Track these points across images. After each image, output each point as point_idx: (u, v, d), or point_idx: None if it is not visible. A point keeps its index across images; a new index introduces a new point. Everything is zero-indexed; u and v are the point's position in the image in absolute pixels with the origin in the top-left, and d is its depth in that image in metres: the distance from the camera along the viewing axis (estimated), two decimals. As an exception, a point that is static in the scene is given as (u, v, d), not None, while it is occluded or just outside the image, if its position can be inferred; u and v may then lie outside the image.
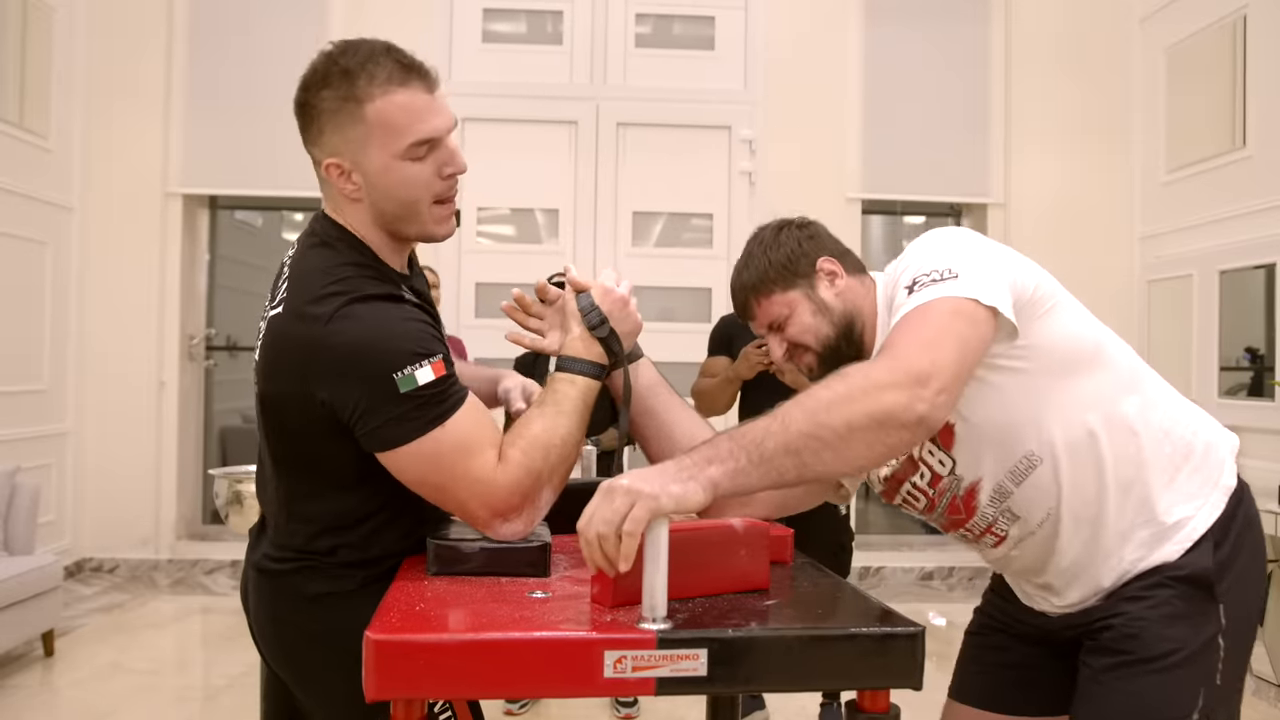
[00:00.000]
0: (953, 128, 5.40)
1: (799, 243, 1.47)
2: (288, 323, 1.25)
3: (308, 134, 1.30)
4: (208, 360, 5.58)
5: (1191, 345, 4.84)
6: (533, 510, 1.27)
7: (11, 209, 4.61)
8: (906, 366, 1.13)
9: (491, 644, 0.98)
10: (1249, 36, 4.55)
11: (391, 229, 1.33)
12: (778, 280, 1.46)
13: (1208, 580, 1.33)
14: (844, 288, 1.46)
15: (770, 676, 1.03)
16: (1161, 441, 1.37)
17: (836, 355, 1.43)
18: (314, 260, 1.29)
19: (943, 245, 1.30)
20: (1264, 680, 3.72)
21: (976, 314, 1.22)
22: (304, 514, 1.33)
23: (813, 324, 1.44)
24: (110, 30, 5.23)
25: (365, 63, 1.24)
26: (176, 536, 5.32)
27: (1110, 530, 1.36)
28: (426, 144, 1.27)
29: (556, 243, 5.35)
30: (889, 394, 1.11)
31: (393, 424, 1.20)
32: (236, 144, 5.26)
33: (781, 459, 1.10)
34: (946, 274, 1.24)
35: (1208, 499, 1.37)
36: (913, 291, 1.24)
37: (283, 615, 1.35)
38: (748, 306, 1.50)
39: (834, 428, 1.10)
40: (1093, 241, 5.44)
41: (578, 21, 5.41)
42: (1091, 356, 1.37)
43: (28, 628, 3.64)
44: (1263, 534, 1.43)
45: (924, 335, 1.18)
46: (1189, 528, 1.35)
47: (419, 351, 1.21)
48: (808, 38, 5.34)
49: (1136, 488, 1.35)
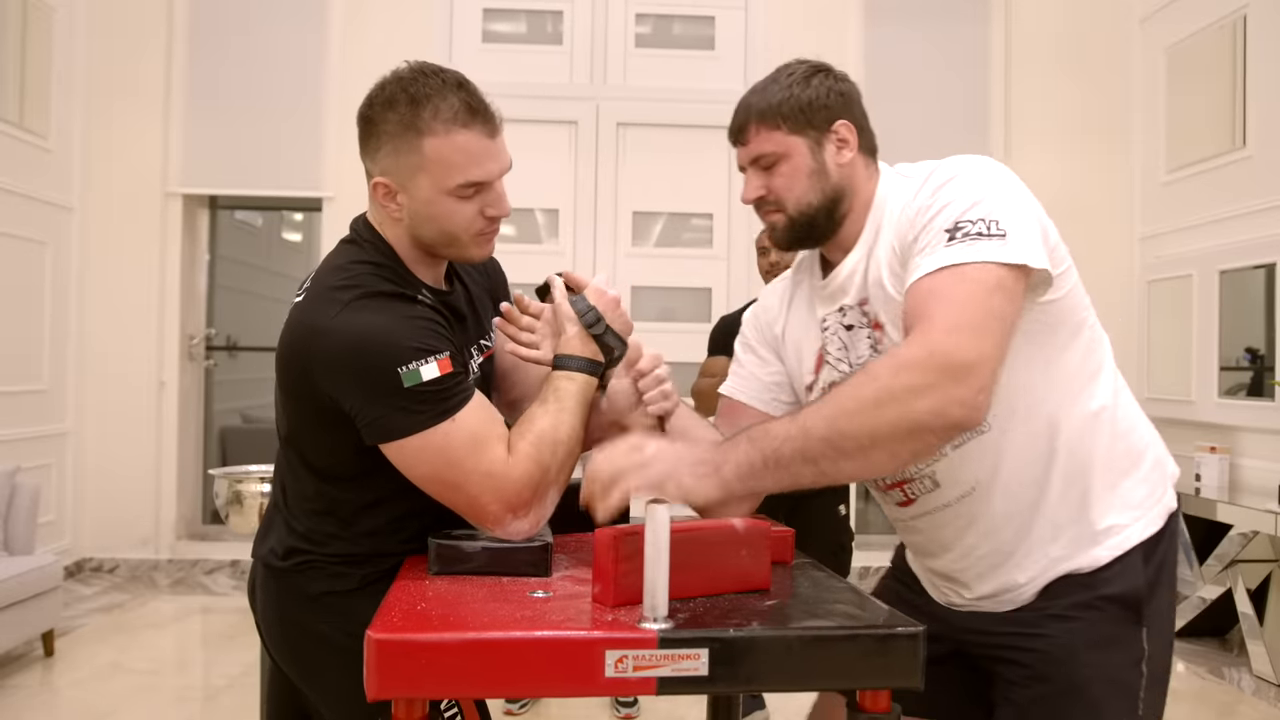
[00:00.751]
0: (953, 128, 5.40)
1: (828, 92, 1.32)
2: (301, 313, 1.28)
3: (365, 147, 1.32)
4: (208, 360, 5.58)
5: (1191, 345, 4.84)
6: (541, 508, 1.27)
7: (11, 209, 4.61)
8: (946, 358, 1.07)
9: (493, 643, 0.98)
10: (1249, 36, 4.55)
11: (427, 250, 1.36)
12: (790, 118, 1.31)
13: (1138, 601, 1.27)
14: (848, 161, 1.33)
15: (771, 676, 1.03)
16: (1117, 441, 1.31)
17: (810, 227, 1.33)
18: (337, 256, 1.33)
19: (987, 185, 1.20)
20: (1264, 680, 3.73)
21: (1017, 286, 1.14)
22: (303, 494, 1.35)
23: (802, 184, 1.31)
24: (110, 30, 5.23)
25: (433, 95, 1.26)
26: (176, 536, 5.32)
27: (1044, 521, 1.28)
28: (475, 186, 1.29)
29: (556, 243, 5.36)
30: (922, 400, 1.06)
31: (397, 416, 1.21)
32: (236, 144, 5.26)
33: (798, 466, 1.08)
34: (993, 228, 1.14)
35: (1146, 513, 1.31)
36: (954, 238, 1.15)
37: (288, 614, 1.36)
38: (744, 130, 1.34)
39: (856, 438, 1.06)
40: (1093, 241, 5.43)
41: (578, 21, 5.41)
42: (1080, 328, 1.29)
43: (28, 628, 3.64)
44: (1176, 573, 1.37)
45: (968, 316, 1.09)
46: (1121, 536, 1.28)
47: (423, 348, 1.21)
48: (808, 38, 5.34)
49: (1080, 482, 1.28)
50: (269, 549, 1.39)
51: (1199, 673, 3.89)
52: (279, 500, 1.40)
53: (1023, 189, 1.23)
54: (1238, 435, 4.52)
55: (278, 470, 1.42)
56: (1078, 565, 1.28)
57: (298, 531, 1.35)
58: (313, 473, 1.34)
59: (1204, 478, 4.45)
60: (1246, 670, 3.84)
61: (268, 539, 1.40)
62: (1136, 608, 1.27)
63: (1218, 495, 4.09)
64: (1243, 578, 3.91)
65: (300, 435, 1.33)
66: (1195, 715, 3.44)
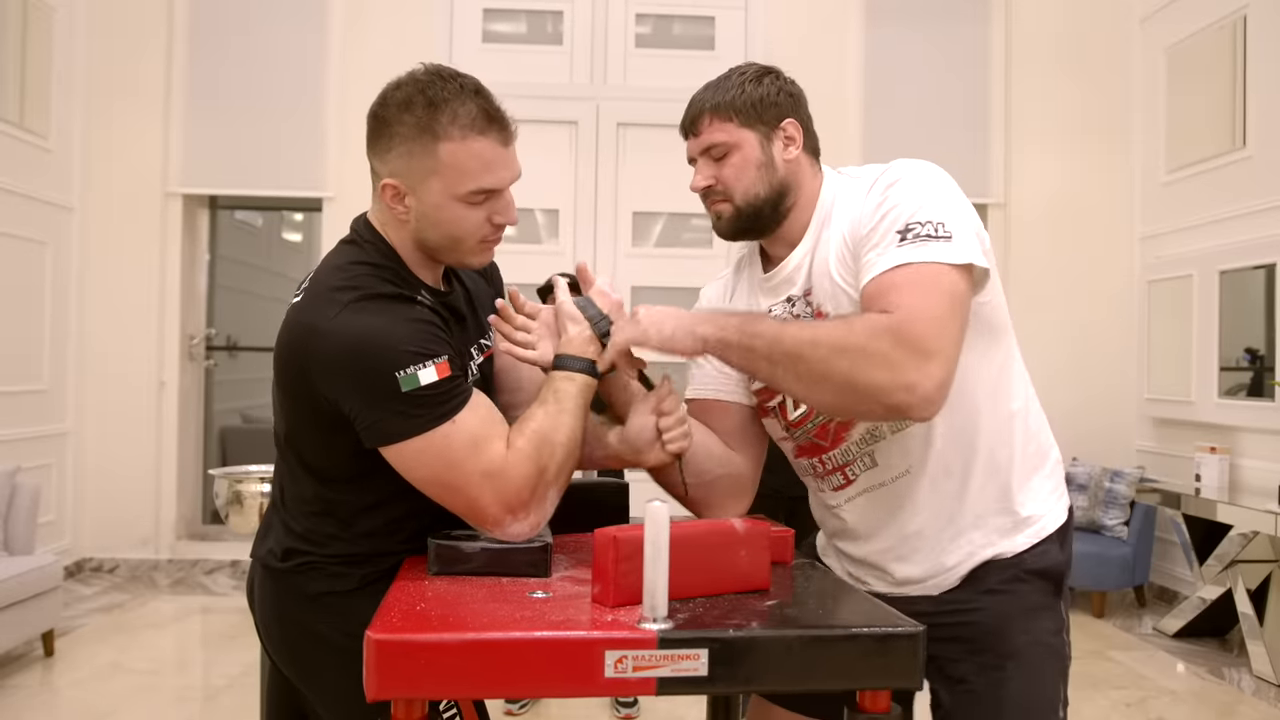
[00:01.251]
0: (953, 128, 5.40)
1: (778, 92, 1.40)
2: (300, 313, 1.28)
3: (375, 146, 1.32)
4: (208, 360, 5.58)
5: (1191, 345, 4.84)
6: (540, 510, 1.27)
7: (11, 209, 4.61)
8: (915, 334, 1.15)
9: (492, 644, 0.99)
10: (1249, 36, 4.55)
11: (430, 253, 1.36)
12: (741, 112, 1.38)
13: (1059, 576, 1.39)
14: (794, 158, 1.40)
15: (771, 677, 1.03)
16: (1029, 440, 1.40)
17: (755, 218, 1.40)
18: (336, 256, 1.33)
19: (930, 189, 1.28)
20: (1264, 680, 3.73)
21: (966, 289, 1.24)
22: (301, 495, 1.34)
23: (750, 176, 1.38)
24: (110, 30, 5.23)
25: (452, 100, 1.27)
26: (176, 536, 5.32)
27: (967, 509, 1.37)
28: (486, 194, 1.31)
29: (556, 243, 5.36)
30: (880, 371, 1.15)
31: (395, 420, 1.21)
32: (236, 144, 5.26)
33: (759, 360, 1.21)
34: (940, 230, 1.22)
35: (1053, 507, 1.42)
36: (905, 239, 1.23)
37: (286, 614, 1.36)
38: (698, 121, 1.41)
39: (810, 368, 1.17)
40: (1093, 241, 5.44)
41: (578, 21, 5.41)
42: (1003, 331, 1.39)
43: (28, 628, 3.64)
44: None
45: (933, 307, 1.18)
46: (1040, 524, 1.39)
47: (421, 352, 1.21)
48: (808, 38, 5.34)
49: (1000, 476, 1.37)
50: (268, 550, 1.39)
51: (1199, 673, 3.89)
52: (277, 501, 1.40)
53: (958, 194, 1.31)
54: (1238, 435, 4.52)
55: (277, 472, 1.42)
56: (1000, 551, 1.37)
57: (296, 532, 1.35)
58: (311, 474, 1.34)
59: (1204, 478, 4.44)
60: (1246, 670, 3.84)
61: (266, 540, 1.40)
62: (1058, 581, 1.39)
63: (1218, 495, 4.09)
64: (1243, 578, 3.91)
65: (298, 436, 1.33)
66: (1195, 715, 3.44)
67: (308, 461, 1.33)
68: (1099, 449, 5.23)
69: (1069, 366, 5.31)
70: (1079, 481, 4.98)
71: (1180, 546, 4.51)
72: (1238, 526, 3.91)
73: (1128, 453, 5.30)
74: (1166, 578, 5.00)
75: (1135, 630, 4.49)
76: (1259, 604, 3.85)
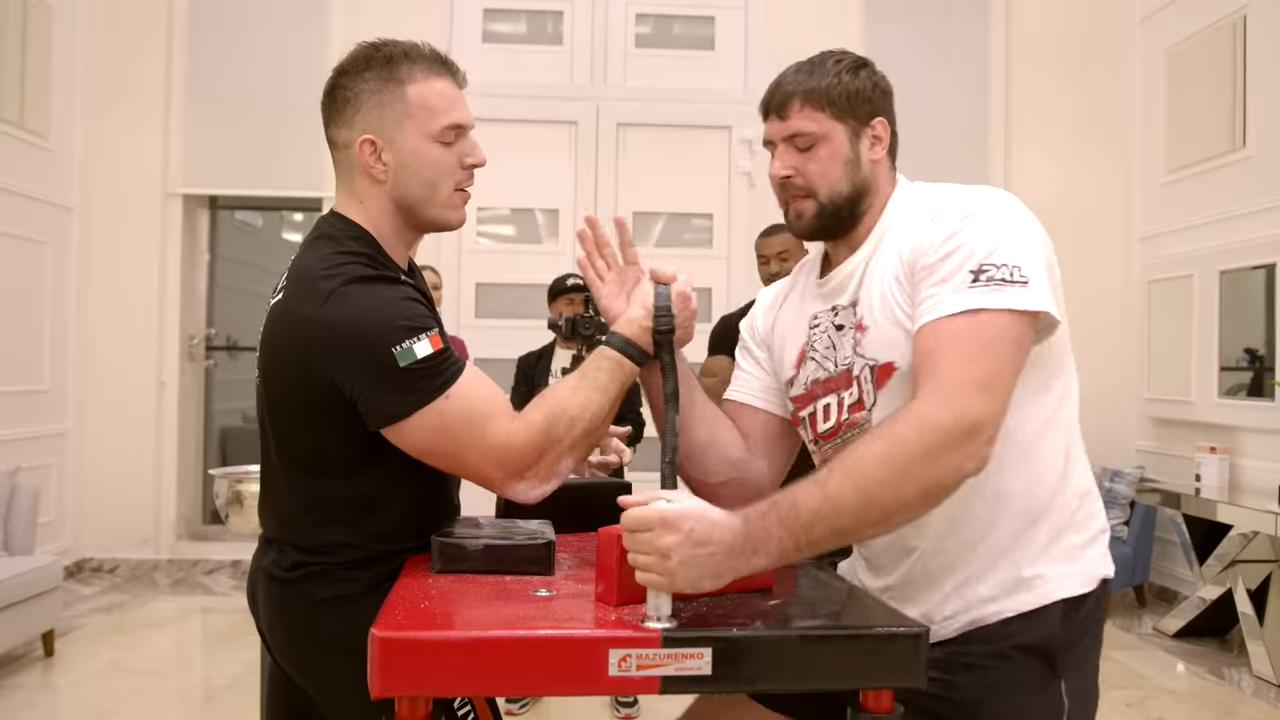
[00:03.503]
0: (953, 128, 5.40)
1: (875, 87, 1.33)
2: (287, 308, 1.29)
3: (340, 117, 1.35)
4: (208, 360, 5.58)
5: (1191, 345, 4.84)
6: (550, 471, 1.28)
7: (11, 209, 4.61)
8: (961, 418, 1.09)
9: (496, 642, 0.98)
10: (1249, 37, 4.55)
11: (408, 213, 1.36)
12: (835, 103, 1.29)
13: (1050, 651, 1.24)
14: (879, 159, 1.33)
15: (774, 676, 1.03)
16: (1070, 494, 1.29)
17: (835, 218, 1.32)
18: (313, 252, 1.33)
19: (1011, 227, 1.22)
20: (1264, 680, 3.73)
21: (1030, 335, 1.18)
22: (307, 503, 1.33)
23: (836, 172, 1.30)
24: (110, 30, 5.23)
25: (408, 51, 1.34)
26: (176, 536, 5.32)
27: (979, 560, 1.27)
28: (456, 130, 1.35)
29: (556, 243, 5.35)
30: (942, 461, 1.09)
31: (396, 397, 1.22)
32: (236, 144, 5.26)
33: (828, 540, 1.08)
34: (1017, 275, 1.16)
35: (1081, 574, 1.28)
36: (978, 280, 1.16)
37: (293, 621, 1.35)
38: (787, 105, 1.31)
39: (885, 508, 1.08)
40: (1093, 241, 5.44)
41: (578, 21, 5.41)
42: (1057, 372, 1.30)
43: (28, 628, 3.64)
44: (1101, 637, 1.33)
45: (985, 372, 1.12)
46: (1048, 587, 1.26)
47: (415, 326, 1.23)
48: (808, 38, 5.31)
49: (1026, 524, 1.27)
50: (271, 560, 1.37)
51: (1199, 673, 3.89)
52: (276, 510, 1.38)
53: (1038, 230, 1.25)
54: (1238, 435, 4.52)
55: (269, 486, 1.39)
56: (1000, 609, 1.26)
57: (305, 548, 1.33)
58: (312, 477, 1.32)
59: (1204, 478, 4.45)
60: (1246, 670, 3.84)
61: (268, 552, 1.39)
62: (1049, 658, 1.24)
63: (1218, 495, 4.09)
64: (1243, 578, 3.91)
65: (294, 436, 1.32)
66: (1195, 715, 3.44)
67: (308, 462, 1.32)
68: (1099, 449, 5.20)
69: (1069, 366, 5.31)
70: (1079, 481, 4.98)
71: (1180, 546, 4.51)
72: (1238, 526, 3.91)
73: (1128, 453, 5.30)
74: (1166, 578, 5.00)
75: (1135, 630, 4.49)
76: (1259, 604, 3.85)
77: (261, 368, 1.34)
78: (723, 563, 1.03)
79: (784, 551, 1.06)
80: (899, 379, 1.27)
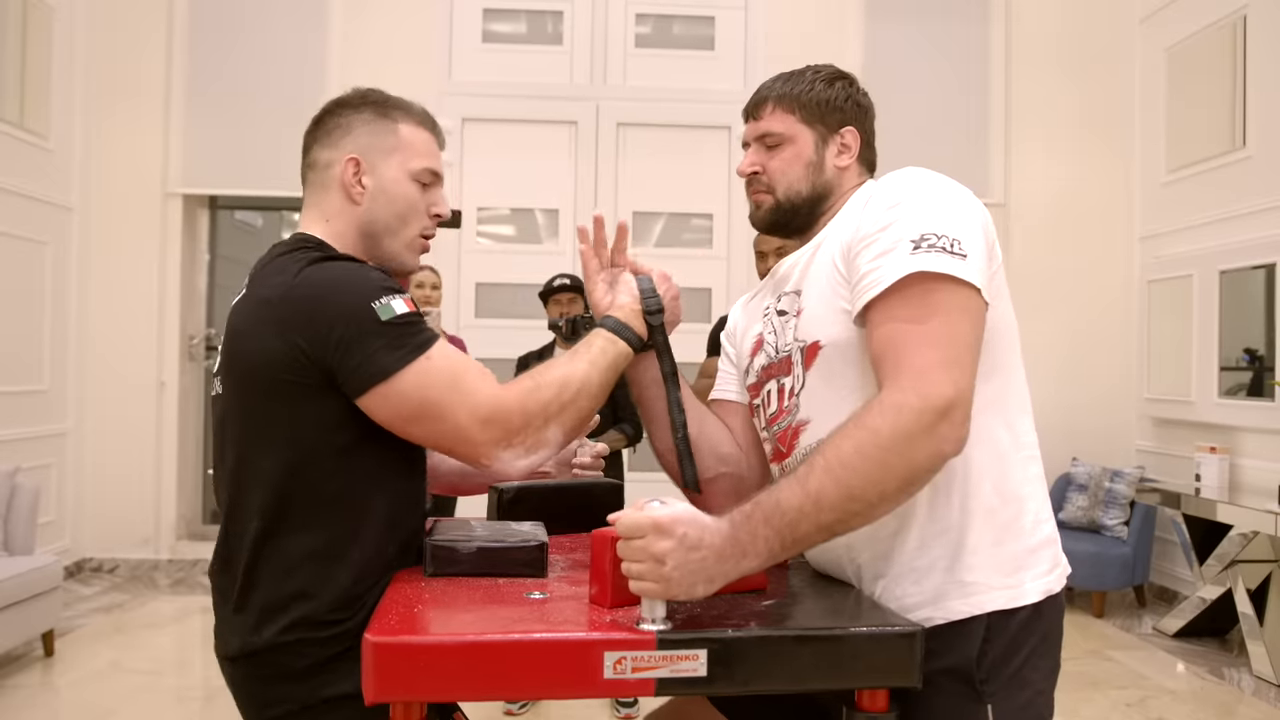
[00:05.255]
0: (953, 127, 5.41)
1: (847, 99, 1.39)
2: (252, 297, 1.28)
3: (327, 139, 1.38)
4: (208, 360, 5.58)
5: (1191, 345, 4.84)
6: (538, 440, 1.25)
7: (11, 209, 4.61)
8: (931, 400, 1.09)
9: (491, 645, 0.98)
10: (1249, 36, 4.55)
11: (372, 240, 1.37)
12: (805, 108, 1.37)
13: (967, 673, 1.18)
14: (846, 166, 1.38)
15: (769, 677, 1.03)
16: (1010, 499, 1.23)
17: (790, 215, 1.38)
18: (275, 257, 1.33)
19: (946, 199, 1.22)
20: (1264, 680, 3.73)
21: (979, 308, 1.17)
22: (286, 544, 1.23)
23: (797, 173, 1.37)
24: (110, 30, 5.24)
25: (402, 103, 1.42)
26: (176, 536, 5.32)
27: (904, 557, 1.23)
28: (433, 175, 1.41)
29: (556, 243, 5.35)
30: (917, 446, 1.08)
31: (380, 354, 1.19)
32: (237, 144, 5.27)
33: (814, 536, 1.09)
34: (955, 246, 1.16)
35: (1017, 587, 1.21)
36: (918, 248, 1.16)
37: (275, 697, 1.25)
38: (760, 106, 1.40)
39: (867, 500, 1.09)
40: (1093, 241, 5.44)
41: (578, 21, 5.41)
42: (996, 367, 1.24)
43: (28, 628, 3.64)
44: (1053, 668, 1.26)
45: (943, 350, 1.13)
46: (978, 597, 1.20)
47: (389, 286, 1.24)
48: (808, 37, 5.34)
49: (952, 530, 1.22)
50: (240, 643, 1.26)
51: (1199, 673, 3.89)
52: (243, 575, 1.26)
53: (981, 213, 1.24)
54: (1238, 435, 4.52)
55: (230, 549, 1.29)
56: (929, 615, 1.20)
57: (287, 593, 1.23)
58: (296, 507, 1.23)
59: (1204, 478, 4.45)
60: (1246, 670, 3.83)
61: (230, 635, 1.29)
62: (967, 680, 1.18)
63: (1218, 495, 4.09)
64: (1243, 578, 3.91)
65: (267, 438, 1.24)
66: (1195, 715, 3.44)
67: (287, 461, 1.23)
68: (1099, 449, 5.23)
69: (1069, 366, 5.31)
70: (1079, 481, 4.98)
71: (1180, 546, 4.51)
72: (1238, 526, 3.91)
73: (1128, 453, 5.30)
74: (1166, 578, 5.00)
75: (1135, 630, 4.49)
76: (1259, 604, 3.85)
77: (225, 373, 1.28)
78: (714, 566, 1.03)
79: (772, 551, 1.07)
80: (825, 357, 1.27)
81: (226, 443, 1.30)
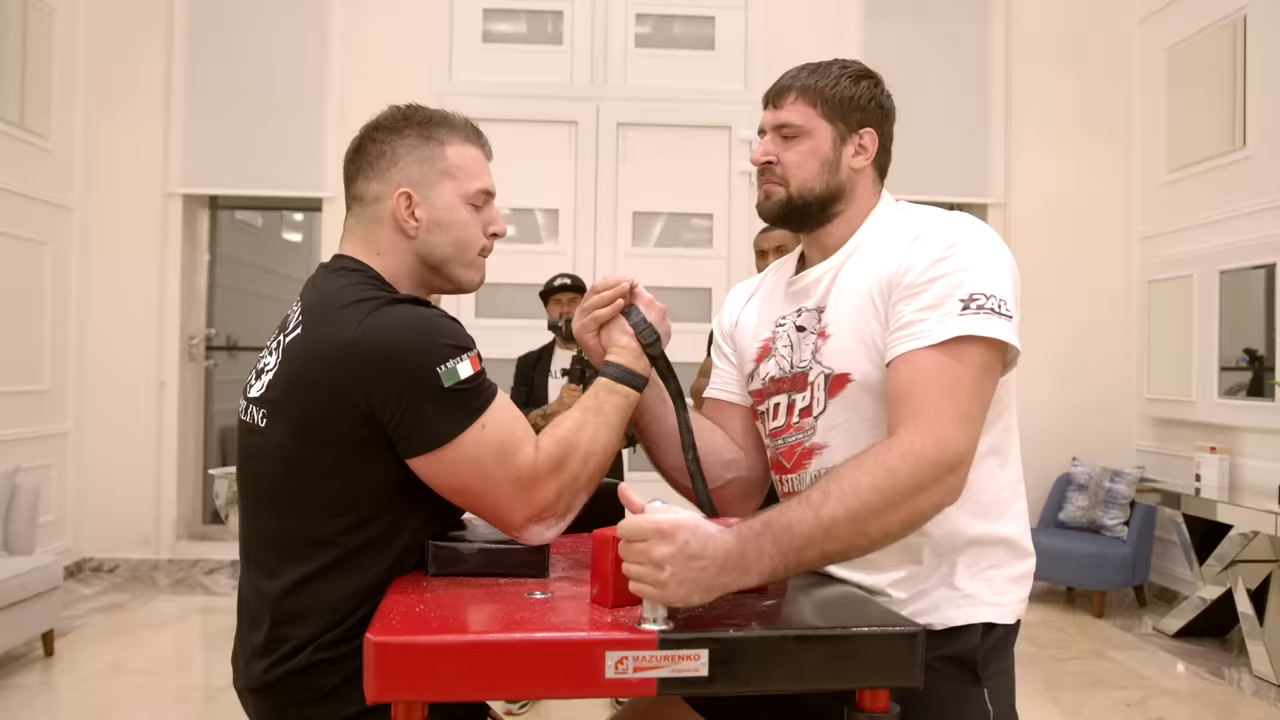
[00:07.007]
0: (953, 127, 5.40)
1: (871, 99, 1.37)
2: (311, 339, 1.22)
3: (372, 170, 1.33)
4: (208, 360, 5.58)
5: (1191, 345, 4.84)
6: (566, 509, 1.27)
7: (11, 209, 4.61)
8: (947, 453, 1.13)
9: (493, 645, 0.99)
10: (1249, 36, 4.55)
11: (432, 270, 1.35)
12: (829, 103, 1.34)
13: (972, 661, 1.27)
14: (861, 168, 1.36)
15: (770, 677, 1.03)
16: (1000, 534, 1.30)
17: (801, 210, 1.36)
18: (332, 283, 1.28)
19: (997, 261, 1.24)
20: (1264, 680, 3.73)
21: (1000, 367, 1.22)
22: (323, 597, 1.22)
23: (813, 168, 1.35)
24: (110, 30, 5.23)
25: (445, 118, 1.37)
26: (176, 536, 5.32)
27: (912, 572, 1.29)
28: (486, 196, 1.37)
29: (556, 243, 5.35)
30: (928, 494, 1.12)
31: (440, 420, 1.18)
32: (236, 144, 5.27)
33: (816, 562, 1.12)
34: (1003, 308, 1.19)
35: (1000, 607, 1.29)
36: (968, 308, 1.19)
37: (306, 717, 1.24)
38: (782, 95, 1.37)
39: (872, 536, 1.12)
40: (1093, 241, 5.44)
41: (578, 21, 5.41)
42: (1002, 412, 1.31)
43: (28, 628, 3.64)
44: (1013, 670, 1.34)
45: (964, 403, 1.16)
46: (971, 609, 1.28)
47: (456, 345, 1.21)
48: (808, 37, 5.34)
49: (946, 561, 1.28)
50: (264, 666, 1.24)
51: (1199, 673, 3.89)
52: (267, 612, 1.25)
53: (1014, 266, 1.27)
54: (1238, 435, 4.52)
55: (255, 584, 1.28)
56: (929, 621, 1.27)
57: (321, 611, 1.22)
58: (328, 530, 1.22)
59: (1204, 478, 4.45)
60: (1246, 670, 3.84)
61: (254, 660, 1.26)
62: (972, 667, 1.27)
63: (1218, 495, 4.09)
64: (1243, 578, 3.91)
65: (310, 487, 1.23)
66: (1195, 715, 3.44)
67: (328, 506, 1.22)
68: (1099, 449, 5.24)
69: (1069, 366, 5.31)
70: (1079, 481, 4.98)
71: (1180, 546, 4.51)
72: (1238, 526, 3.91)
73: (1128, 453, 5.30)
74: (1166, 578, 5.00)
75: (1135, 630, 4.49)
76: (1259, 604, 3.85)
77: (277, 412, 1.24)
78: (714, 578, 1.03)
79: (774, 571, 1.09)
80: (852, 391, 1.29)
81: (262, 477, 1.28)
